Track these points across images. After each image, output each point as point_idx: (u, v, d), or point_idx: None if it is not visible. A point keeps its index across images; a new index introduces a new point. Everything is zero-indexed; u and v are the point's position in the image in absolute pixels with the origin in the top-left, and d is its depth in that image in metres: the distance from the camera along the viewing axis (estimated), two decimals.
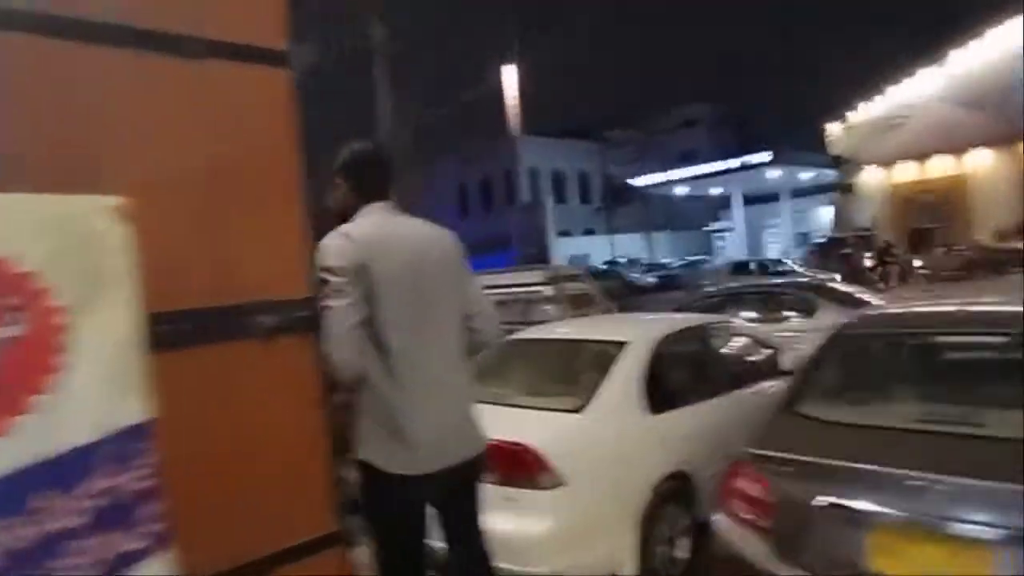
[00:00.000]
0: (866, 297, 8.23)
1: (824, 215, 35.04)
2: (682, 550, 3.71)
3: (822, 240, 27.59)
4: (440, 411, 2.20)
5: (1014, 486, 2.05)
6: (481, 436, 2.35)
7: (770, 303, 8.49)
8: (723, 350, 4.79)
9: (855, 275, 18.33)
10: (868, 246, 24.06)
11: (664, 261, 39.36)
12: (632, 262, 38.41)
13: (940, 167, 26.20)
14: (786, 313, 8.14)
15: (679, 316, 5.52)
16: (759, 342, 5.07)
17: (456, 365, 2.31)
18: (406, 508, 2.20)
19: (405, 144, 9.81)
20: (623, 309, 10.64)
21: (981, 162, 23.67)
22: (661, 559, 3.56)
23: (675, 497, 3.66)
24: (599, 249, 43.18)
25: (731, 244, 43.79)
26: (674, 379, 4.10)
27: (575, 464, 3.21)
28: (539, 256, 40.31)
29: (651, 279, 32.90)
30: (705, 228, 47.36)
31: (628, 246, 43.77)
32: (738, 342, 4.97)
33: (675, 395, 3.96)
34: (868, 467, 2.31)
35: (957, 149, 25.08)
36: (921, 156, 26.57)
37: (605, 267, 36.45)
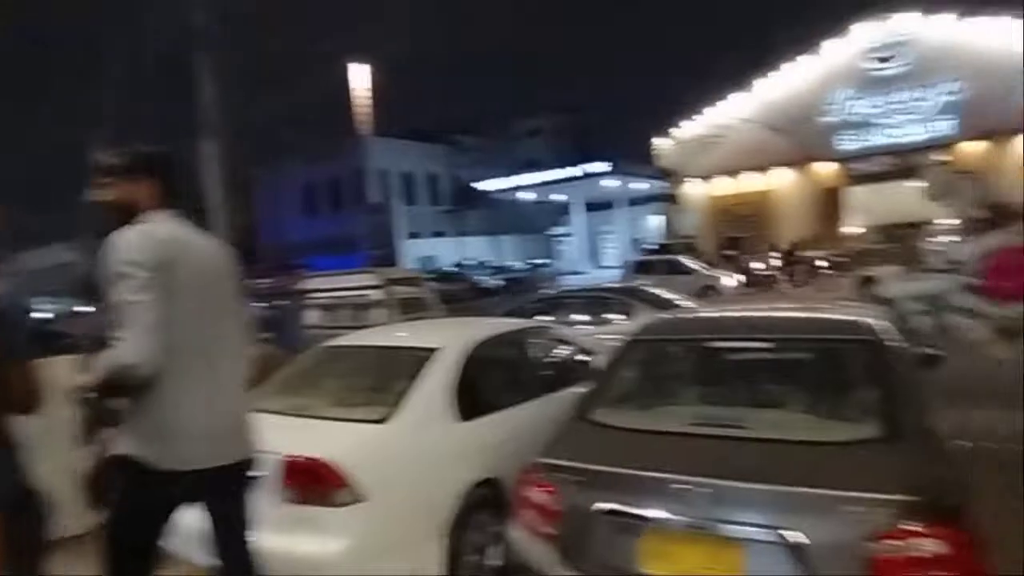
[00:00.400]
0: (677, 300, 8.78)
1: (654, 223, 37.40)
2: (493, 558, 3.67)
3: (651, 247, 29.36)
4: (222, 411, 2.29)
5: (766, 486, 2.18)
6: (254, 441, 2.43)
7: (596, 306, 8.81)
8: (540, 354, 4.84)
9: (745, 276, 19.51)
10: (692, 251, 26.01)
11: (510, 264, 40.09)
12: (479, 265, 38.78)
13: (750, 183, 28.89)
14: (609, 316, 8.48)
15: (497, 321, 5.53)
16: (576, 346, 5.19)
17: (237, 369, 2.42)
18: (163, 505, 2.22)
19: (229, 140, 9.14)
20: (463, 312, 10.62)
21: (783, 179, 26.32)
22: (471, 568, 3.50)
23: (485, 504, 3.62)
24: (448, 251, 43.22)
25: (571, 249, 45.50)
26: (486, 384, 4.07)
27: (377, 477, 3.07)
28: (387, 258, 39.61)
29: (497, 281, 33.38)
30: (548, 233, 48.82)
31: (476, 249, 44.17)
32: (556, 346, 5.06)
33: (487, 401, 3.92)
34: (640, 473, 2.38)
35: (764, 167, 27.84)
36: (734, 172, 29.22)
37: (453, 270, 36.54)
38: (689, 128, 30.27)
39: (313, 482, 2.89)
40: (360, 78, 31.15)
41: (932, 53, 24.89)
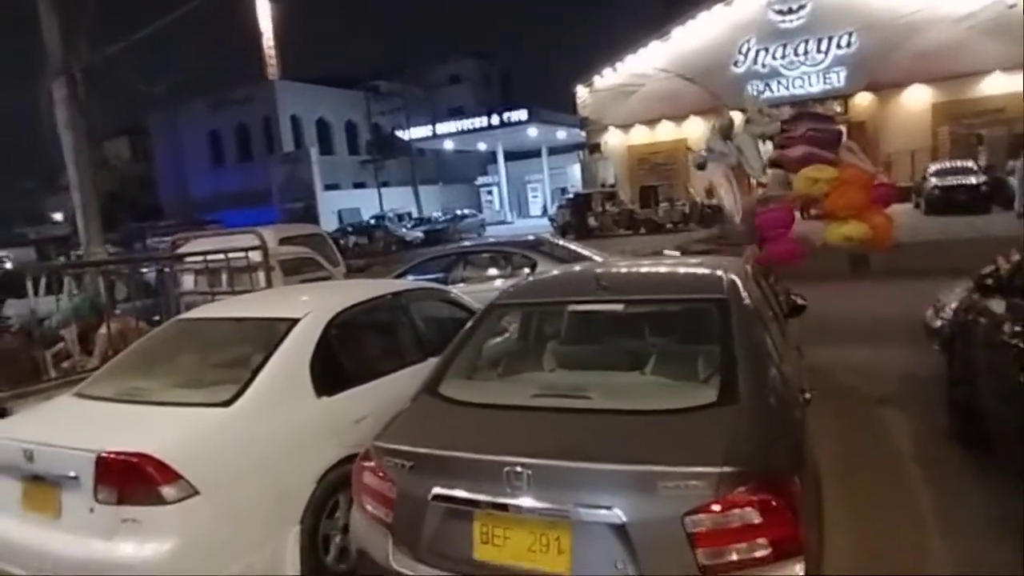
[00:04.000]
0: (585, 252, 8.70)
1: (577, 172, 37.47)
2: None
3: (571, 196, 29.41)
4: None
5: (590, 464, 2.10)
6: None
7: (499, 261, 8.65)
8: (420, 318, 4.67)
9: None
10: (613, 201, 26.28)
11: (434, 215, 39.51)
12: (401, 217, 38.03)
13: (665, 132, 29.16)
14: (513, 271, 8.34)
15: (373, 284, 5.29)
16: (463, 307, 5.03)
17: None
18: None
19: (80, 82, 8.17)
20: (378, 269, 10.15)
21: (696, 128, 26.59)
22: (332, 552, 3.36)
23: (348, 484, 3.46)
24: (369, 203, 42.15)
25: (496, 198, 45.17)
26: (352, 355, 3.87)
27: (214, 467, 2.85)
28: (306, 211, 38.26)
29: (418, 233, 32.87)
30: (473, 183, 48.29)
31: (398, 200, 43.28)
32: (440, 308, 4.88)
33: (353, 373, 3.73)
34: (470, 456, 2.26)
35: (679, 116, 28.11)
36: (651, 121, 29.39)
37: (372, 222, 35.72)
38: (609, 77, 30.17)
39: (132, 479, 2.64)
40: (267, 17, 29.11)
41: (830, 7, 25.67)
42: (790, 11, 26.57)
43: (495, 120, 35.99)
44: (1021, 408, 3.13)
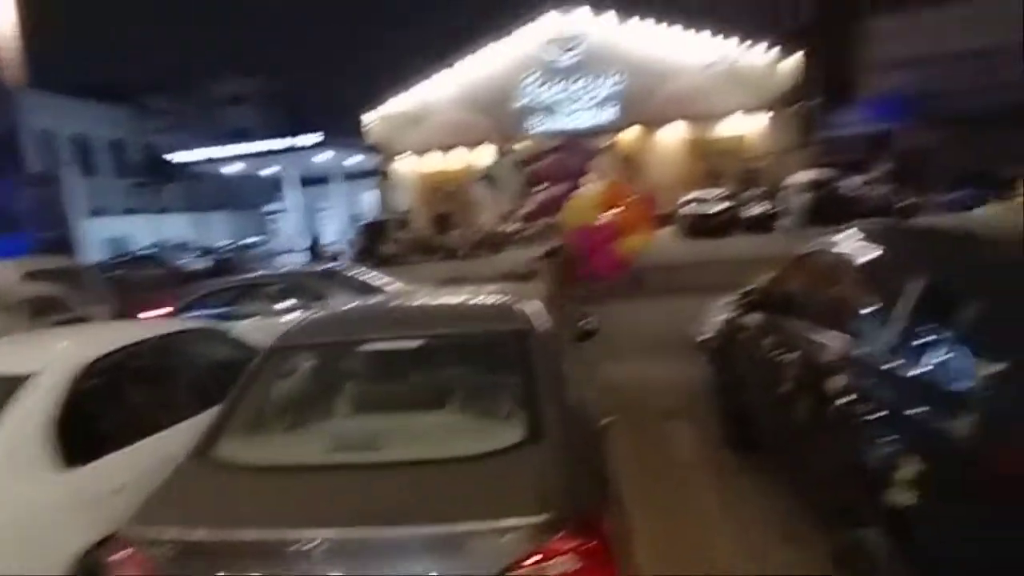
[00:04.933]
0: (381, 281, 8.42)
1: (371, 199, 36.89)
2: None
3: (366, 223, 28.86)
4: None
5: (391, 530, 1.88)
6: None
7: (289, 293, 8.07)
8: (196, 364, 4.11)
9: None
10: (407, 228, 26.16)
11: (219, 244, 36.46)
12: (180, 246, 34.61)
13: (458, 159, 29.86)
14: (305, 303, 7.82)
15: (137, 325, 4.63)
16: (247, 348, 4.52)
17: None
18: None
19: None
20: (152, 302, 8.83)
21: (487, 156, 27.48)
22: None
23: None
24: (144, 231, 37.84)
25: (286, 226, 42.96)
26: (108, 414, 3.28)
27: None
28: (60, 240, 33.35)
29: (202, 264, 30.11)
30: (261, 210, 45.52)
31: (180, 227, 39.38)
32: (220, 351, 4.34)
33: (109, 435, 3.15)
34: (256, 535, 1.93)
35: (471, 143, 28.95)
36: (444, 148, 29.95)
37: (147, 252, 32.11)
38: (400, 103, 30.30)
39: None
40: (6, 13, 24.84)
41: (600, 48, 28.14)
42: (567, 49, 28.56)
43: (284, 143, 34.27)
44: (780, 414, 3.46)
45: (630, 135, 27.77)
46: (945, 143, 23.80)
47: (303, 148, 34.11)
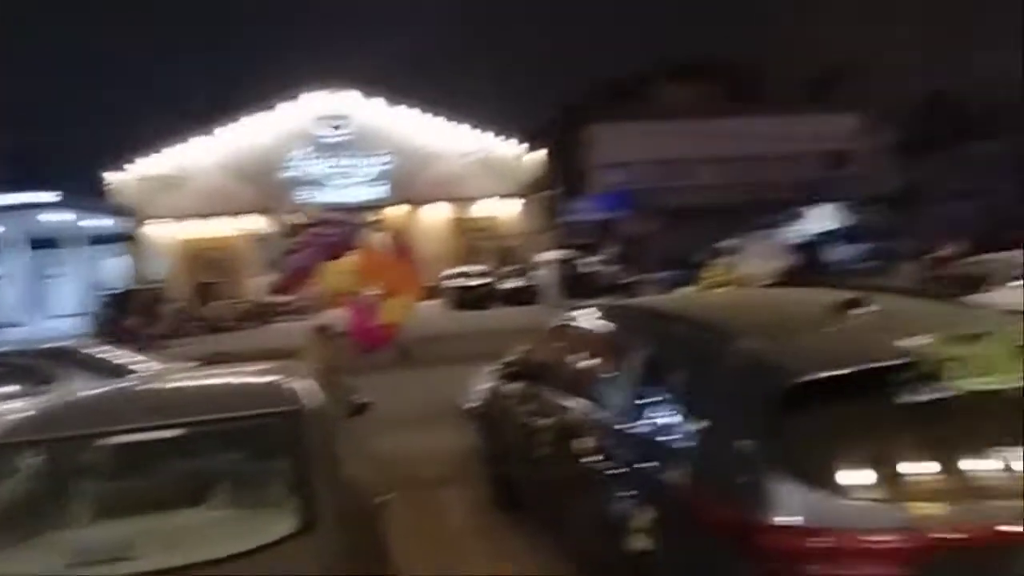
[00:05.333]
0: (132, 364, 7.41)
1: (117, 265, 32.57)
2: None
3: (114, 293, 25.34)
4: None
5: None
6: None
7: (12, 375, 6.75)
8: None
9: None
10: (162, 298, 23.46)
11: None
12: None
13: (223, 226, 27.89)
14: (31, 387, 6.59)
15: None
16: None
17: None
18: None
19: None
20: None
21: (255, 225, 26.04)
22: None
23: None
24: None
25: (8, 295, 36.07)
26: None
27: None
28: None
29: None
30: None
31: None
32: None
33: None
34: None
35: (234, 212, 27.27)
36: (205, 215, 27.81)
37: None
38: (149, 165, 27.81)
39: None
40: None
41: (370, 129, 28.83)
42: (335, 127, 28.64)
43: (13, 200, 29.12)
44: (540, 475, 3.68)
45: (398, 212, 28.34)
46: (658, 231, 27.93)
47: (32, 206, 29.31)
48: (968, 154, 32.05)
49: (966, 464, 1.99)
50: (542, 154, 29.77)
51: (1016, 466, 1.95)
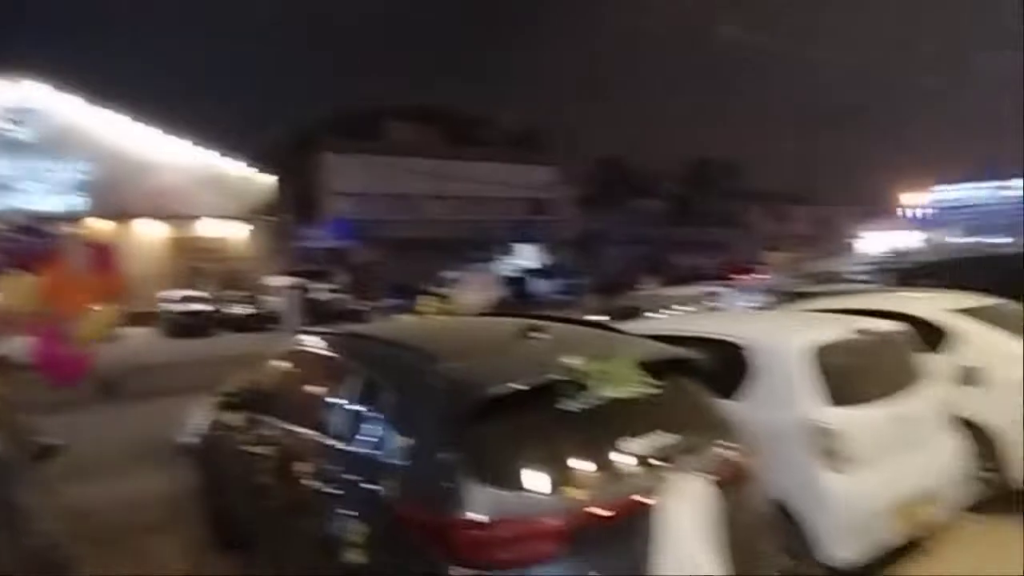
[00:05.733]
0: None
1: None
2: None
3: None
4: None
5: None
6: None
7: None
8: None
9: None
10: None
11: None
12: None
13: None
14: None
15: None
16: None
17: None
18: None
19: None
20: None
21: None
22: None
23: None
24: None
25: None
26: None
27: None
28: None
29: None
30: None
31: None
32: None
33: None
34: None
35: None
36: None
37: None
38: None
39: None
40: None
41: (65, 128, 24.45)
42: (19, 123, 23.77)
43: None
44: (262, 506, 3.54)
45: (104, 226, 24.36)
46: (386, 260, 28.39)
47: None
48: (635, 208, 38.77)
49: (609, 455, 2.48)
50: (272, 178, 28.26)
51: (642, 452, 2.49)
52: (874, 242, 48.16)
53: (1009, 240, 25.17)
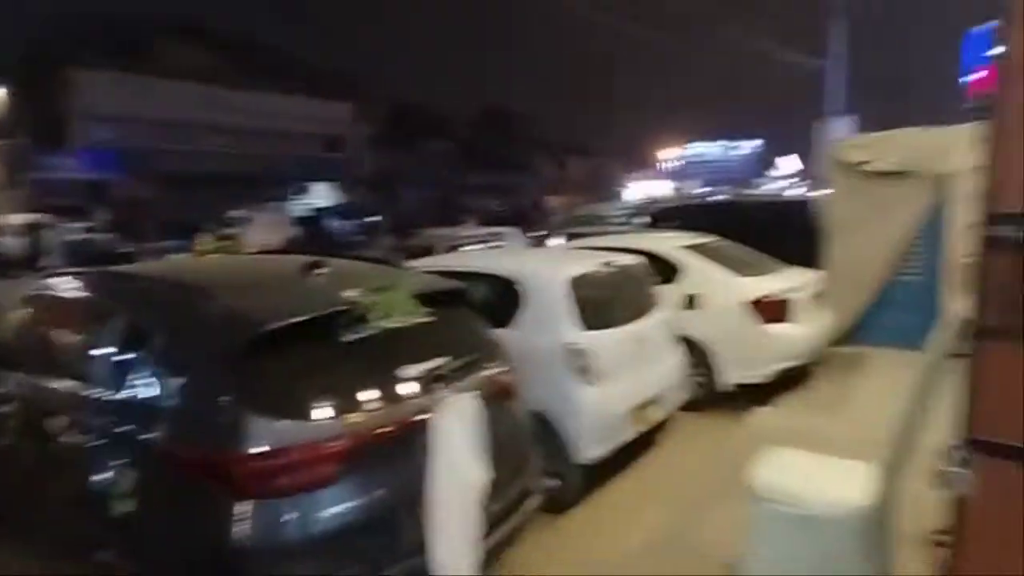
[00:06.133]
0: None
1: None
2: None
3: None
4: None
5: None
6: None
7: None
8: None
9: None
10: None
11: None
12: None
13: None
14: None
15: None
16: None
17: None
18: None
19: None
20: None
21: None
22: None
23: None
24: None
25: None
26: None
27: None
28: None
29: None
30: None
31: None
32: None
33: None
34: None
35: None
36: None
37: None
38: None
39: None
40: None
41: None
42: None
43: None
44: (8, 474, 3.10)
45: None
46: (157, 197, 24.92)
47: None
48: (428, 150, 38.43)
49: (388, 379, 2.58)
50: (3, 94, 22.99)
51: (418, 375, 2.63)
52: (636, 190, 54.84)
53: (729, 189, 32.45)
